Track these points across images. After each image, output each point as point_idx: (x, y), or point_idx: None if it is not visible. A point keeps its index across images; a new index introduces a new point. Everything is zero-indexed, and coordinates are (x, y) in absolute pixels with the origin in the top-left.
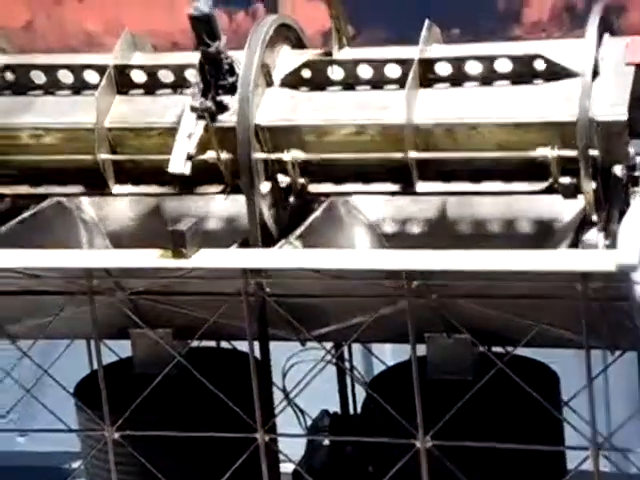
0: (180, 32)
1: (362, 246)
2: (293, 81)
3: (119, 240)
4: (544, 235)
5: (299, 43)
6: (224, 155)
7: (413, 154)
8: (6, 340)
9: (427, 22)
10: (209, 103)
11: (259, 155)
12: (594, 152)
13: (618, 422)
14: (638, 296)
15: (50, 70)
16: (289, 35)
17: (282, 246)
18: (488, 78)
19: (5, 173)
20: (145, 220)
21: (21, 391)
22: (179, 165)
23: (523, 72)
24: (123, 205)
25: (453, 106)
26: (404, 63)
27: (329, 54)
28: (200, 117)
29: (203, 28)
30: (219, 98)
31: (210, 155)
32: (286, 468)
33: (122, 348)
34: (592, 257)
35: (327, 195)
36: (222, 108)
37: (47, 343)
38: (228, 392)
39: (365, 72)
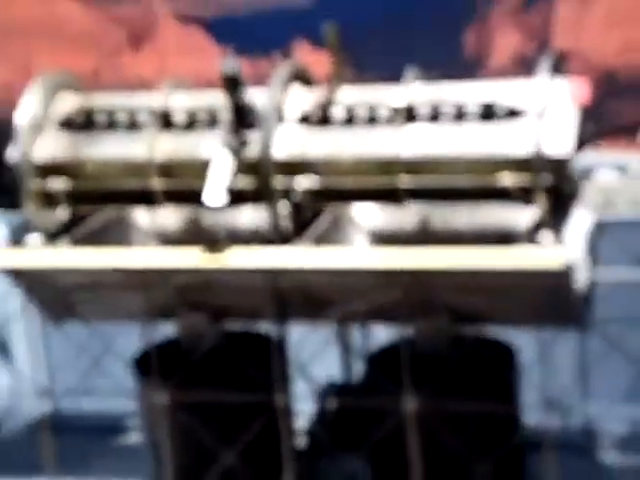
0: (214, 75)
1: (360, 247)
2: (304, 119)
3: (166, 243)
4: (506, 238)
5: (307, 80)
6: (250, 182)
7: (403, 181)
8: (79, 320)
9: (410, 67)
10: (238, 140)
11: (277, 182)
12: (545, 178)
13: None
14: (579, 287)
15: (110, 111)
16: (299, 74)
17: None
18: (459, 117)
19: (75, 194)
20: (186, 228)
21: (82, 362)
22: (216, 199)
23: (487, 113)
24: (169, 217)
25: (433, 141)
26: (395, 112)
27: (332, 93)
28: (231, 152)
29: (231, 81)
30: (243, 134)
31: (238, 181)
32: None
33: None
34: (544, 255)
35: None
36: (246, 143)
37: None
38: (254, 366)
39: (362, 112)
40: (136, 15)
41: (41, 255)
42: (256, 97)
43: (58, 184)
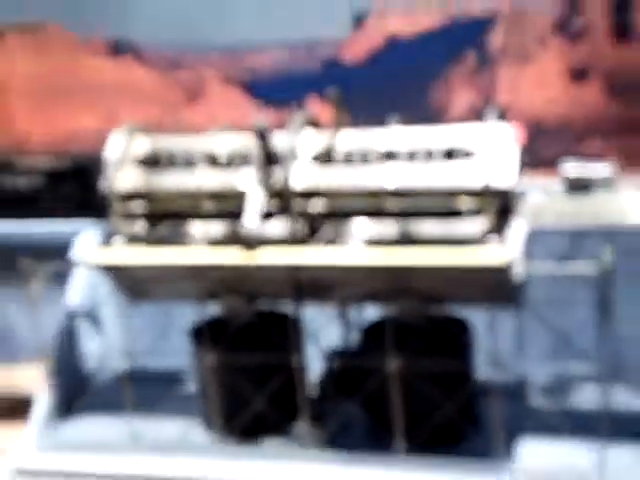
0: (249, 121)
1: (355, 248)
2: (315, 158)
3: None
4: (463, 242)
5: (317, 124)
6: (276, 204)
7: (387, 205)
8: (149, 301)
9: (393, 115)
10: (266, 175)
11: (296, 205)
12: (493, 203)
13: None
14: (517, 278)
15: (171, 153)
16: (311, 121)
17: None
18: (429, 157)
19: (147, 213)
20: (227, 236)
21: (153, 331)
22: (252, 222)
23: (449, 153)
24: (215, 228)
25: (410, 176)
26: (381, 155)
27: (334, 135)
28: (261, 185)
29: (260, 133)
30: (270, 170)
31: (267, 204)
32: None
33: None
34: (491, 255)
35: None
36: (272, 177)
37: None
38: (278, 335)
39: (357, 153)
40: (191, 78)
41: (123, 254)
42: (279, 139)
43: (135, 206)
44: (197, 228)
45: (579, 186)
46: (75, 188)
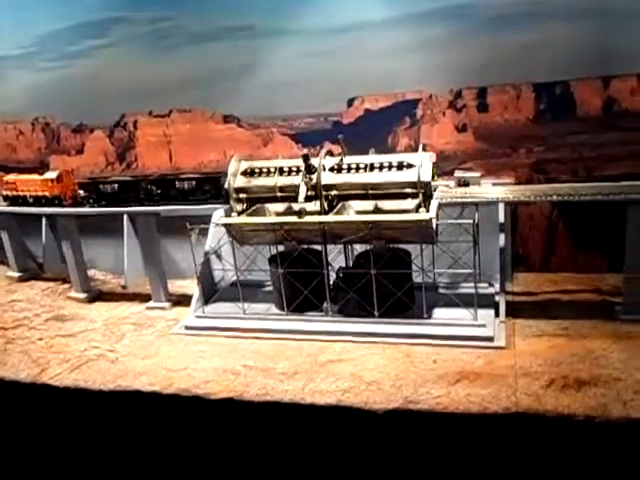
0: (297, 155)
1: (351, 215)
2: (331, 169)
3: (278, 215)
4: (407, 211)
5: (332, 154)
6: (312, 193)
7: (370, 191)
8: (248, 244)
9: (371, 150)
10: (308, 178)
11: (322, 193)
12: (421, 189)
13: (428, 264)
14: (433, 227)
15: (260, 167)
16: (328, 153)
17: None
18: (390, 167)
19: (247, 198)
20: (287, 209)
21: (249, 259)
22: (301, 202)
23: (400, 165)
24: (280, 206)
25: (380, 177)
26: (366, 166)
27: (341, 159)
28: (306, 183)
29: (305, 156)
30: (310, 176)
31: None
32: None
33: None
34: (422, 216)
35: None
36: (311, 179)
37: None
38: (314, 260)
39: (353, 165)
40: (265, 134)
41: (235, 219)
42: (314, 160)
43: (241, 195)
44: (272, 207)
45: (463, 183)
46: (211, 188)
